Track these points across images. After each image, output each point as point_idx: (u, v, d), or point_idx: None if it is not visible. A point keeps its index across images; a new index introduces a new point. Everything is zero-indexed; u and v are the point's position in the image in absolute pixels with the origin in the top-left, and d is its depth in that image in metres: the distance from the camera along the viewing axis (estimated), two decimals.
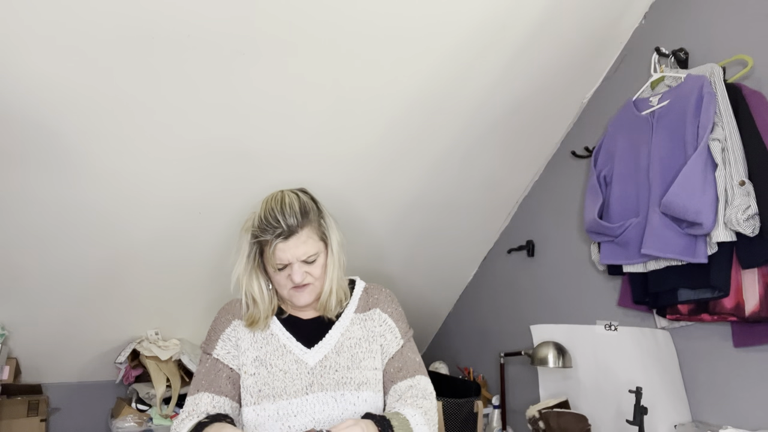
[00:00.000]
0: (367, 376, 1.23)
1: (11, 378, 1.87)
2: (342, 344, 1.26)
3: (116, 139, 1.50)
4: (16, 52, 1.26)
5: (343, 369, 1.23)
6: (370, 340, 1.28)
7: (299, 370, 1.22)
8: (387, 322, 1.31)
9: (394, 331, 1.31)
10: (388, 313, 1.33)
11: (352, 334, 1.28)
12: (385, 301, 1.35)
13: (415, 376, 1.27)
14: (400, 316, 1.35)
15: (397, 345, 1.30)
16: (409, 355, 1.30)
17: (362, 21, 1.46)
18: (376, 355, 1.27)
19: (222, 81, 1.47)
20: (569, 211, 2.03)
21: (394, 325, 1.32)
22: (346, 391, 1.20)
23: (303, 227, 1.19)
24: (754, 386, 1.40)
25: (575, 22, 1.71)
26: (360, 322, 1.30)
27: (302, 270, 1.21)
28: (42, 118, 1.39)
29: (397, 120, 1.76)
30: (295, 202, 1.21)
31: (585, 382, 1.82)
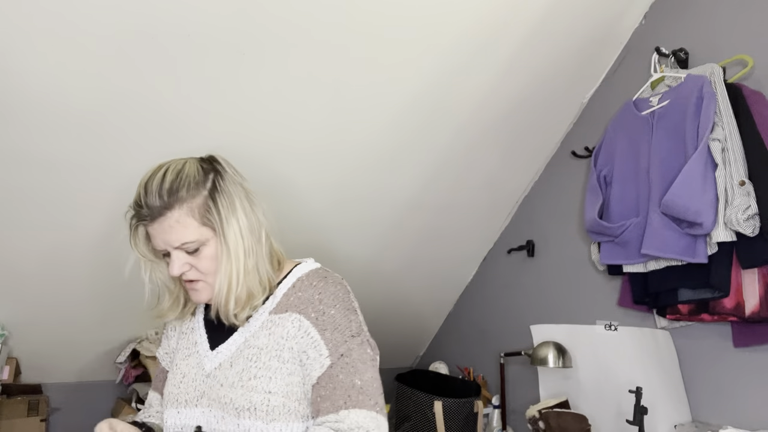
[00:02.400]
0: (253, 401, 0.92)
1: (11, 378, 1.87)
2: (241, 352, 0.98)
3: (114, 140, 1.50)
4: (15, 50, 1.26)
5: (227, 385, 0.96)
6: (274, 353, 0.96)
7: (196, 376, 1.01)
8: (309, 334, 0.96)
9: (318, 347, 0.95)
10: (312, 320, 0.97)
11: (257, 341, 0.98)
12: (311, 301, 0.99)
13: (340, 412, 0.92)
14: (334, 322, 0.97)
15: (322, 366, 0.95)
16: (340, 378, 0.94)
17: (362, 20, 1.46)
18: (275, 375, 0.94)
19: (222, 80, 1.47)
20: (569, 211, 2.03)
21: (319, 337, 0.95)
22: (226, 414, 0.94)
23: (170, 209, 0.93)
24: (754, 386, 1.40)
25: (575, 22, 1.71)
26: (270, 327, 0.99)
27: (183, 261, 0.96)
28: (42, 118, 1.39)
29: (397, 119, 1.76)
30: (169, 177, 0.94)
31: (585, 382, 1.82)
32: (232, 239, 0.97)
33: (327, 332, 0.96)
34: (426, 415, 1.89)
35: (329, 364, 0.95)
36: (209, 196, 0.97)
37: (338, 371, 0.95)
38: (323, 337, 0.96)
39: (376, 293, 2.34)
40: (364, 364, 0.98)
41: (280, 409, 0.93)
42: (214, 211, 0.96)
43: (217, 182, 0.98)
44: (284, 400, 0.94)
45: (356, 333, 0.99)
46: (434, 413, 1.88)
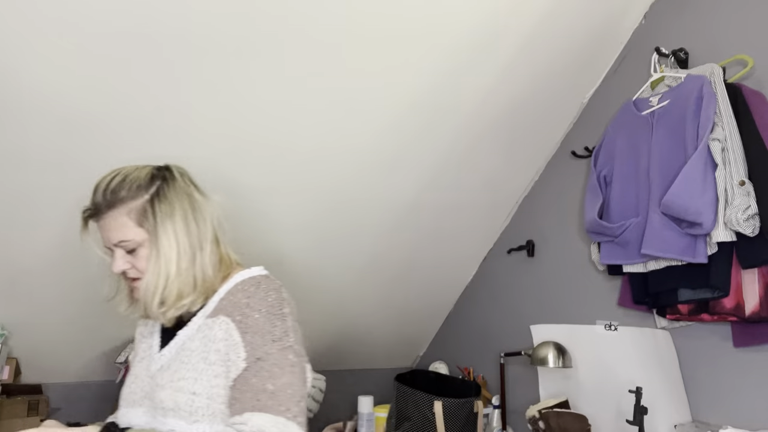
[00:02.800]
0: (178, 401, 0.96)
1: (11, 378, 1.87)
2: (177, 355, 1.03)
3: (111, 141, 1.50)
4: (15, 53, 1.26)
5: (160, 387, 1.00)
6: (202, 355, 0.99)
7: (144, 377, 1.06)
8: (232, 336, 0.99)
9: (237, 349, 0.98)
10: (237, 323, 0.99)
11: (192, 344, 1.02)
12: (239, 305, 1.02)
13: (244, 414, 0.93)
14: (256, 325, 0.99)
15: (238, 369, 0.97)
16: (252, 382, 0.95)
17: (362, 19, 1.46)
18: (201, 376, 0.97)
19: (219, 83, 1.47)
20: (569, 211, 2.03)
21: (240, 340, 0.98)
22: (158, 414, 0.99)
23: (110, 208, 1.01)
24: (754, 386, 1.40)
25: (575, 22, 1.71)
26: (204, 331, 1.02)
27: (124, 259, 1.03)
28: (39, 119, 1.39)
29: (397, 120, 1.76)
30: (117, 179, 1.02)
31: (585, 382, 1.82)
32: (165, 243, 1.01)
33: (248, 335, 0.98)
34: (426, 415, 1.89)
35: (244, 366, 0.97)
36: (149, 200, 1.03)
37: (252, 375, 0.96)
38: (243, 340, 0.98)
39: (376, 294, 2.34)
40: (281, 369, 0.97)
41: (204, 410, 0.95)
42: (150, 214, 1.02)
43: (162, 189, 1.05)
44: (209, 401, 0.96)
45: (278, 338, 1.00)
46: (434, 413, 1.88)
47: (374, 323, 2.47)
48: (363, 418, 2.06)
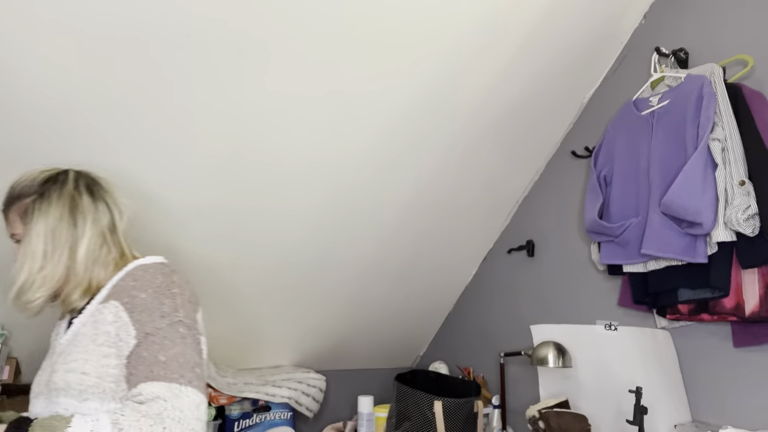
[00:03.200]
0: (69, 381, 1.03)
1: (11, 378, 1.87)
2: (70, 342, 1.10)
3: (116, 140, 1.50)
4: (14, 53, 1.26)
5: (54, 371, 1.08)
6: (91, 337, 1.07)
7: (47, 366, 1.14)
8: (121, 317, 1.06)
9: (127, 328, 1.05)
10: (124, 305, 1.07)
11: (84, 329, 1.09)
12: (126, 288, 1.09)
13: (139, 385, 1.00)
14: (144, 304, 1.06)
15: (128, 345, 1.04)
16: (143, 355, 1.02)
17: (361, 21, 1.46)
18: (91, 357, 1.04)
19: (222, 80, 1.47)
20: (569, 211, 2.03)
21: (128, 319, 1.05)
22: (51, 397, 1.06)
23: (10, 206, 1.17)
24: (754, 386, 1.40)
25: (575, 22, 1.71)
26: (95, 315, 1.10)
27: None
28: (43, 117, 1.39)
29: (397, 119, 1.76)
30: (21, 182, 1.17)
31: (585, 382, 1.82)
32: (33, 239, 1.11)
33: (135, 314, 1.05)
34: (426, 415, 1.89)
35: (135, 343, 1.03)
36: (33, 200, 1.14)
37: (143, 349, 1.02)
38: (132, 319, 1.05)
39: (376, 293, 2.34)
40: (172, 342, 1.04)
41: (94, 389, 1.02)
42: (29, 213, 1.13)
43: (48, 190, 1.15)
44: (98, 380, 1.03)
45: (167, 314, 1.06)
46: (434, 413, 1.88)
47: (374, 323, 2.47)
48: (363, 418, 2.06)
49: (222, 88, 1.49)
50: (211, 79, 1.46)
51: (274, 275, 2.04)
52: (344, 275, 2.19)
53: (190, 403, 0.99)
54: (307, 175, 1.80)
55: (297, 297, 2.17)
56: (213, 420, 2.03)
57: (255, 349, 2.27)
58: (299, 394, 2.18)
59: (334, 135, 1.73)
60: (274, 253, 1.97)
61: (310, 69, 1.53)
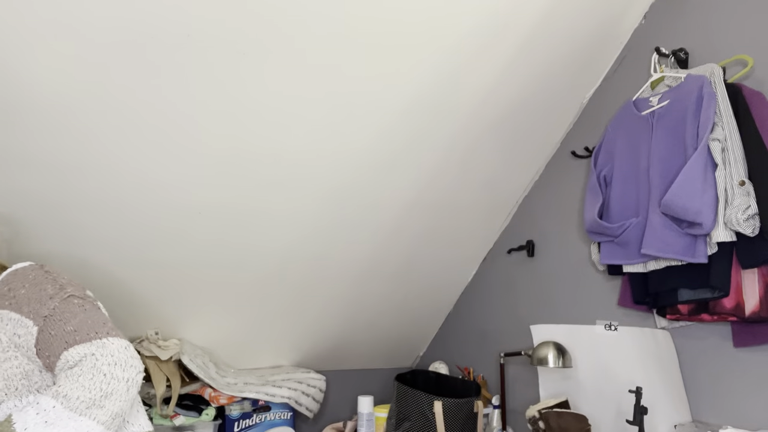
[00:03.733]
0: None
1: None
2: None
3: (114, 142, 1.50)
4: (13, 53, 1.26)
5: None
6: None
7: None
8: (11, 318, 1.08)
9: (22, 323, 1.07)
10: (8, 307, 1.08)
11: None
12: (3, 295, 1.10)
13: (61, 355, 1.03)
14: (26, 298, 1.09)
15: (32, 335, 1.06)
16: (52, 334, 1.06)
17: (362, 21, 1.46)
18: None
19: (222, 81, 1.47)
20: (569, 211, 2.03)
21: (19, 315, 1.07)
22: None
23: None
24: (754, 386, 1.40)
25: (575, 22, 1.71)
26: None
27: None
28: (42, 119, 1.39)
29: (396, 120, 1.76)
30: None
31: (585, 382, 1.82)
32: None
33: (24, 308, 1.07)
34: (426, 415, 1.89)
35: (38, 329, 1.05)
36: None
37: (49, 329, 1.05)
38: (22, 313, 1.06)
39: (376, 294, 2.34)
40: (72, 313, 1.07)
41: (5, 390, 1.04)
42: None
43: None
44: (5, 382, 1.04)
45: (54, 294, 1.09)
46: (434, 413, 1.88)
47: (374, 323, 2.47)
48: (363, 418, 2.06)
49: (222, 88, 1.49)
50: (210, 79, 1.46)
51: (274, 275, 2.04)
52: (344, 275, 2.19)
53: (119, 347, 1.03)
54: (307, 174, 1.80)
55: (297, 297, 2.17)
56: (213, 420, 2.03)
57: (255, 349, 2.27)
58: (299, 394, 2.18)
59: (334, 135, 1.73)
60: (274, 253, 1.97)
61: (309, 70, 1.53)
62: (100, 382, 0.99)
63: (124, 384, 1.01)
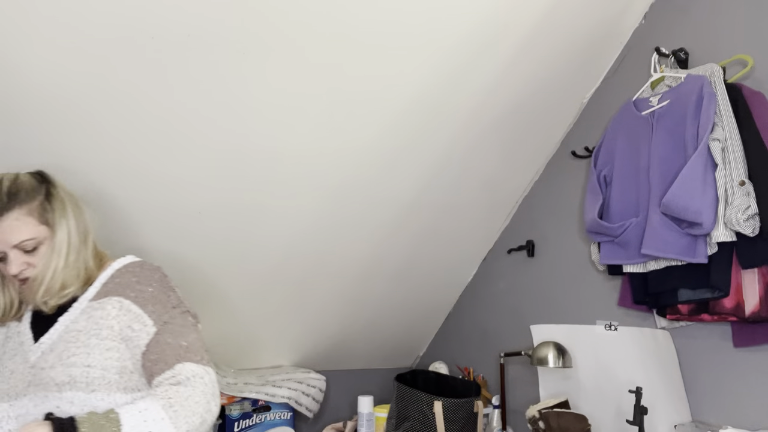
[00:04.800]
0: (73, 374, 1.07)
1: None
2: (61, 338, 1.11)
3: (115, 141, 1.50)
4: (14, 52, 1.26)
5: (48, 367, 1.09)
6: (93, 332, 1.10)
7: (22, 369, 1.12)
8: (131, 310, 1.13)
9: (141, 319, 1.12)
10: (132, 299, 1.14)
11: (76, 326, 1.12)
12: (129, 284, 1.16)
13: (175, 366, 1.08)
14: (153, 297, 1.16)
15: (148, 334, 1.11)
16: (168, 341, 1.12)
17: (362, 22, 1.46)
18: (93, 351, 1.08)
19: (222, 80, 1.47)
20: (569, 211, 2.03)
21: (141, 311, 1.13)
22: (49, 393, 1.07)
23: (9, 209, 1.08)
24: (754, 386, 1.40)
25: (575, 22, 1.71)
26: (89, 312, 1.13)
27: (20, 260, 1.10)
28: (42, 120, 1.39)
29: (396, 120, 1.76)
30: (5, 183, 1.11)
31: (585, 382, 1.82)
32: (60, 237, 1.12)
33: (148, 306, 1.14)
34: (426, 415, 1.89)
35: (155, 331, 1.12)
36: (45, 199, 1.13)
37: (165, 336, 1.12)
38: (145, 311, 1.13)
39: (376, 293, 2.34)
40: (186, 328, 1.15)
41: (100, 380, 1.07)
42: (50, 211, 1.13)
43: (50, 190, 1.15)
44: (103, 372, 1.08)
45: (176, 305, 1.17)
46: (434, 413, 1.88)
47: (374, 323, 2.47)
48: (363, 418, 2.06)
49: (224, 87, 1.49)
50: (214, 76, 1.46)
51: (273, 275, 2.04)
52: (344, 274, 2.19)
53: (215, 379, 1.12)
54: (307, 173, 1.80)
55: (297, 296, 2.17)
56: None
57: (255, 349, 2.27)
58: (299, 394, 2.18)
59: (335, 134, 1.73)
60: (274, 252, 1.97)
61: (311, 69, 1.53)
62: (203, 410, 1.06)
63: (212, 418, 1.08)
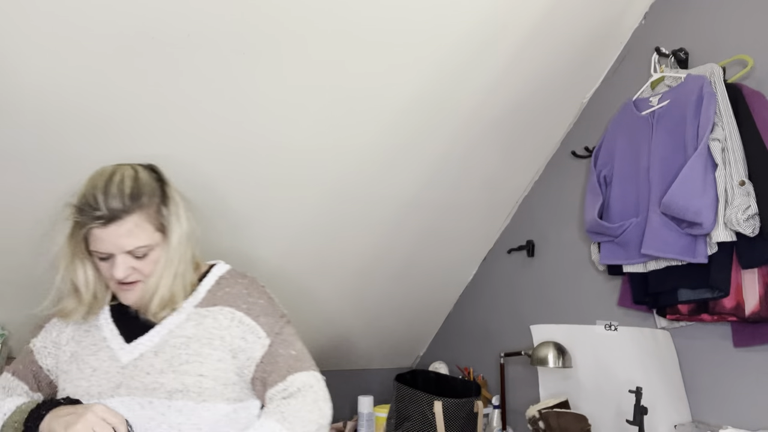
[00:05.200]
0: (186, 383, 1.02)
1: None
2: (167, 342, 1.06)
3: (113, 143, 1.50)
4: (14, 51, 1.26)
5: (156, 372, 1.03)
6: (204, 341, 1.06)
7: (109, 368, 1.05)
8: (244, 321, 1.10)
9: (255, 331, 1.10)
10: (244, 311, 1.11)
11: (184, 331, 1.07)
12: (240, 295, 1.13)
13: (287, 378, 1.07)
14: (264, 309, 1.13)
15: (263, 346, 1.09)
16: (280, 352, 1.10)
17: (363, 20, 1.46)
18: (206, 360, 1.05)
19: (219, 81, 1.47)
20: (569, 211, 2.03)
21: (254, 323, 1.10)
22: (155, 399, 1.01)
23: (130, 213, 0.99)
24: (754, 386, 1.40)
25: (575, 21, 1.71)
26: (197, 319, 1.09)
27: (127, 264, 1.01)
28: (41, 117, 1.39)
29: (397, 119, 1.76)
30: (128, 181, 1.01)
31: (585, 382, 1.82)
32: (174, 245, 1.06)
33: (261, 318, 1.11)
34: (426, 415, 1.89)
35: (269, 342, 1.10)
36: (161, 203, 1.06)
37: (277, 347, 1.10)
38: (258, 323, 1.11)
39: (375, 293, 2.34)
40: (293, 337, 1.15)
41: (211, 391, 1.04)
42: (165, 218, 1.05)
43: (165, 191, 1.07)
44: (214, 383, 1.04)
45: (282, 315, 1.16)
46: (434, 413, 1.88)
47: (374, 323, 2.47)
48: (363, 418, 2.06)
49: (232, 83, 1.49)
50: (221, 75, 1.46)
51: (273, 275, 2.03)
52: (344, 273, 2.19)
53: (324, 385, 1.12)
54: (306, 172, 1.80)
55: (297, 296, 2.16)
56: None
57: None
58: None
59: (335, 131, 1.73)
60: (274, 251, 1.97)
61: (313, 66, 1.53)
62: (317, 417, 1.06)
63: (327, 421, 1.08)
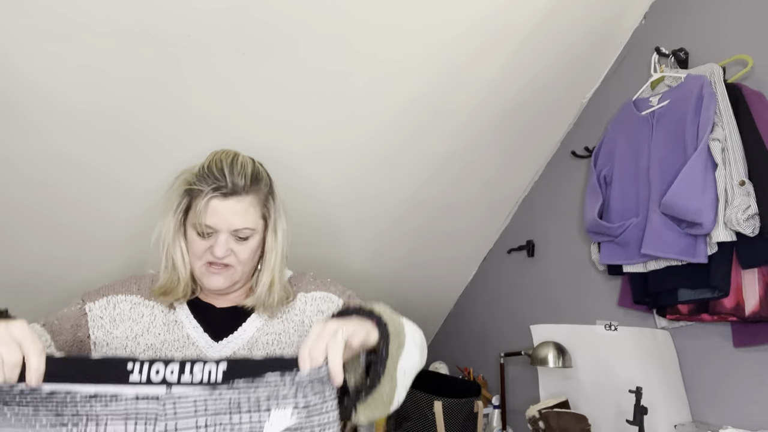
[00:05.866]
0: None
1: None
2: (257, 340, 1.06)
3: (115, 144, 1.50)
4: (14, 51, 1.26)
5: None
6: (291, 332, 1.09)
7: None
8: (316, 297, 1.13)
9: (329, 299, 1.13)
10: (314, 288, 1.14)
11: (271, 328, 1.09)
12: (308, 281, 1.16)
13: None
14: (332, 283, 1.18)
15: (338, 307, 1.11)
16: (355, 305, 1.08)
17: (363, 19, 1.46)
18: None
19: (221, 79, 1.47)
20: (569, 211, 2.03)
21: (326, 293, 1.14)
22: None
23: (249, 193, 1.01)
24: (754, 386, 1.40)
25: (575, 21, 1.71)
26: (281, 315, 1.10)
27: (228, 245, 1.01)
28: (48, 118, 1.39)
29: (397, 119, 1.76)
30: (249, 164, 1.04)
31: (585, 382, 1.82)
32: (281, 238, 1.08)
33: (331, 287, 1.15)
34: (426, 415, 1.89)
35: (343, 302, 1.13)
36: (269, 193, 1.07)
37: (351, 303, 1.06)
38: (329, 291, 1.14)
39: (375, 293, 2.34)
40: None
41: None
42: (272, 208, 1.07)
43: (273, 186, 1.10)
44: None
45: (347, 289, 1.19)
46: (434, 413, 1.88)
47: None
48: None
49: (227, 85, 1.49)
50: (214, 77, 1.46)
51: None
52: (343, 273, 2.19)
53: None
54: (306, 171, 1.80)
55: None
56: None
57: None
58: None
59: (335, 132, 1.73)
60: None
61: (313, 67, 1.53)
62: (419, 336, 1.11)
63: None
